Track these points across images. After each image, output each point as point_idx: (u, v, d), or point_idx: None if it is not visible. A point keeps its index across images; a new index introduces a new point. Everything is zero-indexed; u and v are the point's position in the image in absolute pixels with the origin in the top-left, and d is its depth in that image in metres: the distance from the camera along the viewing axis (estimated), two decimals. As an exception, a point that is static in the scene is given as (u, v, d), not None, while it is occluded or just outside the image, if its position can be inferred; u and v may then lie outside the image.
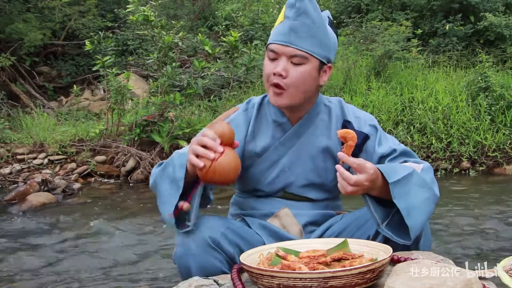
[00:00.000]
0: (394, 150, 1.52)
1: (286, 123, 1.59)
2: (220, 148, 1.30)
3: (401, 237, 1.34)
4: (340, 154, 1.33)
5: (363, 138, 1.54)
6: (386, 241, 1.35)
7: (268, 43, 1.54)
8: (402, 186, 1.33)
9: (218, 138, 1.31)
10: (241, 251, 1.34)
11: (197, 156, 1.30)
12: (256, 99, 1.65)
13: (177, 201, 1.36)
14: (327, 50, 1.52)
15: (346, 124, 1.57)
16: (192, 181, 1.40)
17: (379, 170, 1.34)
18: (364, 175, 1.30)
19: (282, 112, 1.58)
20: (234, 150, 1.36)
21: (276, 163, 1.57)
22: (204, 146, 1.30)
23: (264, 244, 1.47)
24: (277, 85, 1.49)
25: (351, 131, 1.35)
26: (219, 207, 3.91)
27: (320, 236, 1.54)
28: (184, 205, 1.36)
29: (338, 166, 1.33)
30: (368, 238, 1.42)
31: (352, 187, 1.30)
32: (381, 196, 1.36)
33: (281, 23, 1.51)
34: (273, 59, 1.50)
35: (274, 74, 1.48)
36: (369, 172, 1.31)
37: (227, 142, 1.33)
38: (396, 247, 1.33)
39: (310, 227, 1.57)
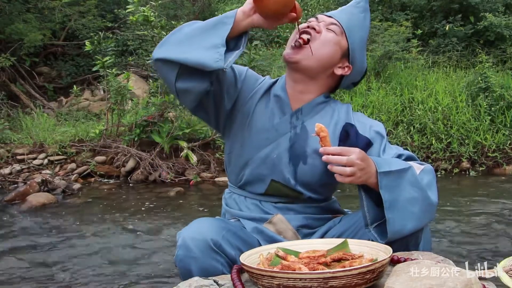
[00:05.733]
0: (400, 155, 1.48)
1: (285, 100, 1.56)
2: None
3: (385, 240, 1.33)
4: (321, 149, 1.34)
5: (366, 143, 1.49)
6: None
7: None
8: (393, 179, 1.32)
9: None
10: (242, 254, 1.34)
11: None
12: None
13: (227, 32, 1.33)
14: (358, 49, 1.56)
15: (348, 126, 1.52)
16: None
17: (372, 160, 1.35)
18: (353, 155, 1.31)
19: (284, 88, 1.57)
20: None
21: (265, 146, 1.53)
22: None
23: None
24: (305, 32, 1.50)
25: (318, 124, 1.37)
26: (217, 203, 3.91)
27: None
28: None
29: (322, 149, 1.33)
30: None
31: (349, 168, 1.30)
32: (377, 190, 1.34)
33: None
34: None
35: (308, 26, 1.50)
36: (355, 151, 1.32)
37: None
38: (397, 248, 1.32)
39: (303, 230, 1.55)
